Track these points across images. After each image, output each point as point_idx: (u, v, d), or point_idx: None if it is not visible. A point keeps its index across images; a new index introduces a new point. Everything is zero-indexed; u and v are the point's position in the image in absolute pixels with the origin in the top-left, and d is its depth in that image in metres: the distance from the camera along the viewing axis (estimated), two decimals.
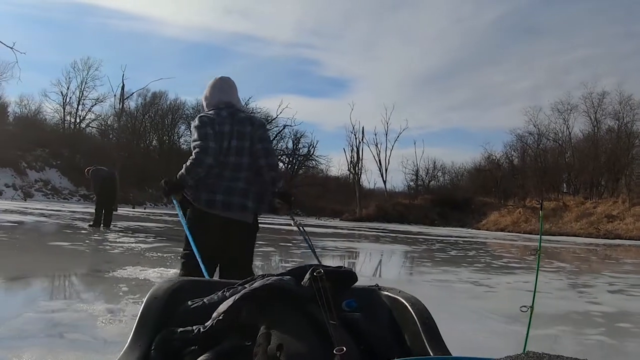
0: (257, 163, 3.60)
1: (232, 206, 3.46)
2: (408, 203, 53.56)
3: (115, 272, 6.66)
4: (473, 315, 5.96)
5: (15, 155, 41.80)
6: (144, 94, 54.26)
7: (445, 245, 19.89)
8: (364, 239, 21.28)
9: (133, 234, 13.19)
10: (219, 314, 1.44)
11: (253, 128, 3.65)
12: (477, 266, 11.81)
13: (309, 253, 12.32)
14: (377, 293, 1.86)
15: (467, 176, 59.96)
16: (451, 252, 16.13)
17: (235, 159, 3.52)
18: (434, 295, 7.21)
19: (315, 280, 1.41)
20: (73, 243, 9.75)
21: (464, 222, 48.19)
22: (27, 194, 38.49)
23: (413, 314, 1.66)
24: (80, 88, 50.78)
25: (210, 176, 3.44)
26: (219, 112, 3.62)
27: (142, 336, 1.46)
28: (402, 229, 36.11)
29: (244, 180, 3.53)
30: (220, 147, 3.48)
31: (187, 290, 1.73)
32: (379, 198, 55.50)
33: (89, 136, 51.14)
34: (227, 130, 3.53)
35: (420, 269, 10.85)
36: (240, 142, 3.55)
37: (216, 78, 3.91)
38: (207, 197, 3.43)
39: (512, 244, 23.61)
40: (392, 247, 17.13)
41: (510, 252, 18.84)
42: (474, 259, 13.98)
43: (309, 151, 61.92)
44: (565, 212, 43.08)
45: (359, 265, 11.27)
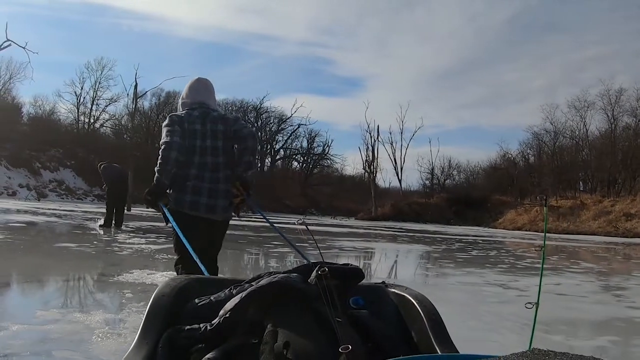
0: (234, 158, 3.70)
1: (216, 208, 3.59)
2: (424, 202, 53.25)
3: (121, 276, 6.22)
4: (508, 323, 5.45)
5: (30, 156, 41.94)
6: (158, 94, 54.30)
7: (464, 244, 19.37)
8: (382, 239, 20.77)
9: (144, 235, 12.79)
10: (226, 311, 1.46)
11: (226, 126, 3.68)
12: (501, 267, 11.30)
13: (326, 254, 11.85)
14: (384, 290, 1.87)
15: (483, 175, 59.54)
16: (472, 252, 15.61)
17: (212, 159, 3.58)
18: (463, 300, 6.72)
19: (321, 279, 1.41)
20: (80, 244, 9.35)
21: (480, 220, 47.63)
22: (41, 194, 38.46)
23: (420, 311, 1.66)
24: (94, 88, 50.87)
25: (189, 177, 3.53)
26: (190, 112, 3.66)
27: (149, 333, 1.46)
28: (418, 228, 35.60)
29: (224, 181, 3.60)
30: (193, 145, 3.54)
31: (194, 288, 1.74)
32: (394, 197, 55.24)
33: (103, 136, 51.14)
34: (198, 129, 3.58)
35: (444, 270, 10.33)
36: (214, 142, 3.61)
37: (193, 79, 3.92)
38: (191, 199, 3.52)
39: (532, 243, 23.03)
40: (411, 247, 16.60)
41: (531, 251, 18.26)
42: (497, 260, 13.46)
43: (324, 150, 61.60)
44: (583, 210, 42.32)
45: (378, 267, 10.80)
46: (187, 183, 3.53)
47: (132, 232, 13.19)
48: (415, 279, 9.06)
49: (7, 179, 39.09)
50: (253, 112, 58.91)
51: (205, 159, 3.57)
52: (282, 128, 60.43)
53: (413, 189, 60.08)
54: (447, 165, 60.20)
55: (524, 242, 24.60)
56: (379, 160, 56.15)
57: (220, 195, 3.59)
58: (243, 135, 3.71)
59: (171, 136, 3.47)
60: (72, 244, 9.35)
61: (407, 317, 1.74)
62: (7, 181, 38.81)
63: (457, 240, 21.64)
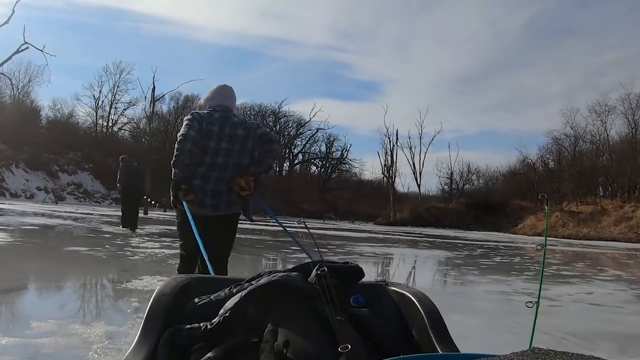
0: (246, 160, 3.74)
1: (220, 206, 3.67)
2: (443, 207, 52.99)
3: (130, 283, 5.87)
4: (545, 337, 5.02)
5: (48, 159, 42.04)
6: (177, 98, 54.29)
7: (486, 250, 18.89)
8: (402, 244, 20.33)
9: (159, 238, 12.48)
10: (226, 310, 1.47)
11: (248, 131, 3.74)
12: (527, 274, 10.84)
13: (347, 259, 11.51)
14: (384, 289, 1.87)
15: (502, 179, 58.82)
16: (495, 258, 15.15)
17: (223, 160, 3.65)
18: (493, 310, 6.31)
19: (321, 278, 1.40)
20: (92, 248, 9.04)
21: (500, 226, 47.16)
22: (59, 197, 38.48)
23: (420, 309, 1.66)
24: (112, 92, 50.87)
25: (196, 176, 3.62)
26: (212, 113, 3.74)
27: (149, 333, 1.47)
28: (438, 233, 35.16)
29: (229, 181, 3.66)
30: (206, 145, 3.61)
31: (194, 287, 1.75)
32: (413, 202, 55.16)
33: (121, 140, 51.13)
34: (215, 131, 3.65)
35: (469, 277, 9.87)
36: (231, 145, 3.67)
37: (219, 85, 4.02)
38: (199, 200, 3.60)
39: (554, 249, 22.44)
40: (432, 252, 16.12)
41: (555, 257, 17.79)
42: (522, 266, 12.99)
43: (342, 155, 61.20)
44: (604, 216, 41.81)
45: (400, 273, 10.38)
46: (195, 182, 3.61)
47: (147, 236, 12.90)
48: (439, 287, 8.64)
49: (25, 182, 39.17)
50: (271, 117, 58.64)
51: (216, 160, 3.64)
52: (300, 132, 60.16)
53: (432, 194, 59.89)
54: (466, 170, 59.69)
55: (547, 248, 23.94)
56: (397, 165, 55.77)
57: (224, 195, 3.67)
58: (269, 138, 3.79)
59: (188, 129, 3.59)
60: (83, 247, 9.05)
61: (407, 316, 1.74)
62: (25, 184, 38.88)
63: (478, 246, 21.18)
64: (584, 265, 15.22)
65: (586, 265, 15.19)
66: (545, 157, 53.90)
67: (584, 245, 29.59)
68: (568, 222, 43.09)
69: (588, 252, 22.03)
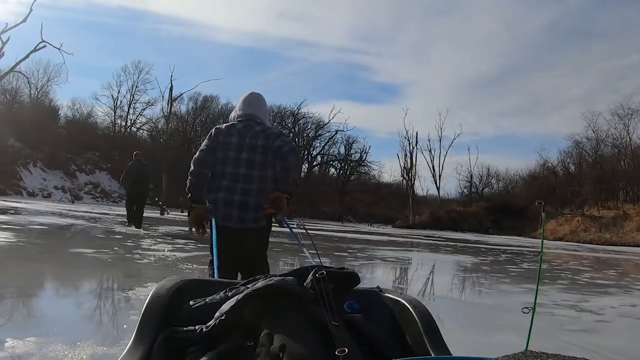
0: (275, 177, 3.67)
1: (247, 220, 3.59)
2: (462, 210, 52.67)
3: (132, 292, 5.29)
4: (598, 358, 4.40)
5: (66, 158, 42.07)
6: (195, 98, 54.19)
7: (511, 255, 18.15)
8: (423, 248, 19.64)
9: (172, 240, 11.97)
10: (222, 314, 1.46)
11: (267, 141, 3.66)
12: (562, 283, 10.16)
13: (369, 264, 10.82)
14: (378, 295, 1.88)
15: (522, 183, 58.36)
16: (522, 264, 14.43)
17: (246, 171, 3.61)
18: (537, 326, 5.65)
19: (318, 281, 1.42)
20: (98, 250, 8.49)
21: (520, 230, 46.41)
22: (76, 196, 38.38)
23: (415, 315, 1.68)
24: (131, 91, 50.86)
25: (221, 189, 3.59)
26: (234, 124, 3.73)
27: (144, 335, 1.45)
28: (457, 237, 34.51)
29: (255, 193, 3.60)
30: (225, 157, 3.62)
31: (190, 289, 1.74)
32: (432, 205, 54.99)
33: (139, 140, 50.99)
34: (234, 141, 3.64)
35: (501, 286, 9.15)
36: (252, 155, 3.63)
37: (247, 93, 4.02)
38: (224, 212, 3.55)
39: (580, 255, 21.68)
40: (456, 257, 15.39)
41: (584, 264, 17.07)
42: (553, 274, 12.28)
43: (361, 157, 60.58)
44: (626, 221, 40.82)
45: (426, 280, 9.73)
46: (219, 195, 3.59)
47: (160, 237, 12.38)
48: (475, 298, 8.02)
49: (43, 181, 39.14)
50: (290, 118, 58.35)
51: (238, 170, 3.61)
52: (319, 134, 59.74)
53: (450, 197, 59.54)
54: (486, 173, 59.46)
55: (571, 253, 23.22)
56: (417, 168, 55.13)
57: (251, 209, 3.59)
58: (284, 152, 3.64)
59: (200, 152, 3.65)
60: (89, 249, 8.48)
61: (401, 322, 1.75)
62: (42, 183, 38.85)
63: (501, 251, 20.49)
64: (615, 273, 14.47)
65: (618, 273, 14.44)
66: (566, 161, 53.40)
67: (608, 250, 28.70)
68: (590, 227, 42.47)
69: (614, 259, 21.28)
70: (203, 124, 56.56)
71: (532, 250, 22.36)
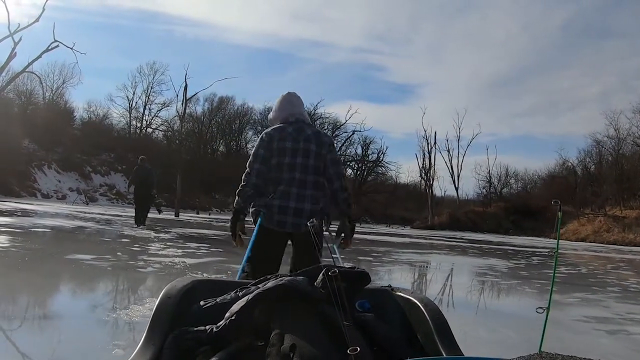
0: (324, 183, 3.67)
1: (302, 226, 3.49)
2: (481, 211, 51.66)
3: (125, 312, 4.31)
4: None
5: (81, 160, 41.72)
6: (211, 99, 53.70)
7: (542, 258, 17.17)
8: (450, 251, 18.62)
9: (184, 243, 11.07)
10: (232, 314, 1.46)
11: (320, 147, 3.66)
12: (613, 291, 9.23)
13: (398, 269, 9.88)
14: (389, 294, 1.89)
15: (541, 183, 57.30)
16: (559, 268, 13.38)
17: (300, 176, 3.56)
18: (621, 353, 4.69)
19: (330, 280, 1.40)
20: (100, 256, 7.61)
21: (540, 231, 45.47)
22: (91, 198, 37.88)
23: (426, 314, 1.67)
24: (146, 93, 50.45)
25: (276, 195, 3.52)
26: (285, 128, 3.66)
27: (154, 335, 1.46)
28: (479, 238, 33.51)
29: (310, 199, 3.57)
30: (281, 163, 3.55)
31: (200, 290, 1.75)
32: (450, 205, 53.96)
33: (155, 141, 50.57)
34: (289, 147, 3.58)
35: (543, 295, 8.12)
36: (305, 160, 3.58)
37: (283, 94, 3.94)
38: (279, 219, 3.48)
39: (612, 258, 20.63)
40: (487, 261, 14.29)
41: (621, 267, 16.16)
42: (597, 279, 11.34)
43: (378, 157, 59.61)
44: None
45: (468, 290, 8.75)
46: (274, 201, 3.52)
47: (170, 241, 11.49)
48: (528, 312, 7.06)
49: (57, 183, 38.70)
50: None
51: (293, 175, 3.55)
52: (336, 135, 58.86)
53: (468, 198, 58.79)
54: (504, 173, 58.42)
55: (601, 255, 22.10)
56: (435, 168, 54.17)
57: (305, 215, 3.52)
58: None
59: (255, 162, 3.56)
60: (89, 255, 7.59)
61: (413, 321, 1.74)
62: (57, 185, 38.40)
63: (529, 253, 19.49)
64: None
65: None
66: (586, 160, 52.22)
67: (635, 252, 27.50)
68: (612, 227, 41.33)
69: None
70: (219, 124, 56.09)
71: (562, 252, 21.26)
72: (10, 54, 29.72)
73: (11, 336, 3.60)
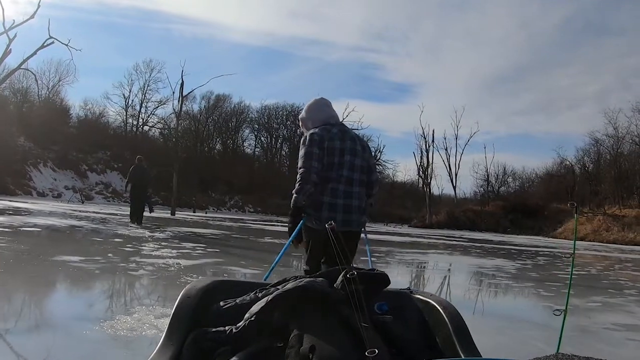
0: (366, 181, 3.79)
1: (351, 223, 3.63)
2: (479, 210, 51.47)
3: (109, 323, 3.76)
4: None
5: (77, 158, 41.50)
6: (208, 97, 53.29)
7: (548, 259, 16.75)
8: (453, 251, 18.27)
9: (179, 243, 10.63)
10: (251, 314, 1.48)
11: (363, 149, 3.82)
12: (631, 294, 8.97)
13: (403, 270, 9.46)
14: (409, 296, 1.90)
15: (539, 182, 57.55)
16: (567, 269, 12.90)
17: (348, 173, 3.66)
18: None
19: (349, 282, 1.40)
20: (89, 258, 7.14)
21: (538, 230, 45.72)
22: (87, 196, 37.55)
23: (445, 317, 1.69)
24: (142, 90, 50.06)
25: (325, 193, 3.59)
26: (330, 129, 3.75)
27: (174, 335, 1.49)
28: (478, 237, 33.19)
29: (357, 197, 3.69)
30: (331, 163, 3.64)
31: (220, 290, 1.77)
32: (447, 204, 53.94)
33: (151, 139, 50.23)
34: (337, 147, 3.67)
35: (573, 301, 7.54)
36: (352, 158, 3.70)
37: (316, 98, 4.02)
38: (328, 216, 3.51)
39: (617, 257, 20.25)
40: (493, 262, 13.82)
41: (628, 267, 15.85)
42: (611, 281, 10.93)
43: (376, 156, 59.24)
44: None
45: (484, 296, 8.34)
46: (324, 200, 3.59)
47: (165, 241, 11.04)
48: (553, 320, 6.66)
49: (53, 181, 38.39)
50: None
51: (341, 172, 3.64)
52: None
53: (466, 196, 59.03)
54: (502, 171, 58.53)
55: (607, 255, 21.67)
56: (433, 166, 53.94)
57: (354, 211, 3.64)
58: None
59: (311, 160, 3.58)
60: (77, 256, 7.13)
61: (431, 323, 1.75)
62: (52, 183, 38.07)
63: (533, 253, 19.20)
64: None
65: None
66: (584, 159, 52.22)
67: (638, 252, 27.13)
68: (612, 226, 41.07)
69: None
70: (215, 123, 55.70)
71: (564, 252, 20.87)
72: (5, 50, 29.19)
73: None
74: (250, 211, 47.78)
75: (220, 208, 46.25)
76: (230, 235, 14.78)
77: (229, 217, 32.72)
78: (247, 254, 10.61)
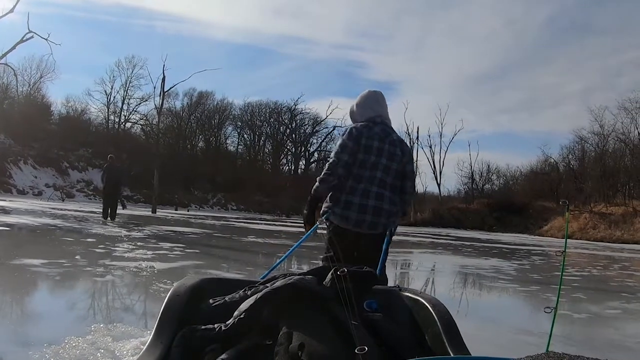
0: (399, 187, 3.66)
1: (378, 226, 3.50)
2: (464, 207, 51.79)
3: (58, 346, 3.07)
4: None
5: (58, 155, 40.67)
6: (190, 94, 52.59)
7: (540, 258, 16.40)
8: (443, 250, 17.89)
9: (156, 244, 10.03)
10: (241, 312, 1.48)
11: (403, 154, 3.67)
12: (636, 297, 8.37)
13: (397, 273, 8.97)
14: (398, 294, 1.89)
15: (523, 179, 57.78)
16: (567, 269, 12.48)
17: (382, 175, 3.55)
18: None
19: (339, 280, 1.41)
20: (52, 261, 6.49)
21: (523, 227, 45.89)
22: (68, 194, 36.70)
23: (434, 314, 1.68)
24: (124, 87, 49.24)
25: (356, 193, 3.47)
26: (371, 127, 3.63)
27: (163, 333, 1.47)
28: (465, 235, 32.75)
29: (388, 200, 3.55)
30: (366, 161, 3.52)
31: (209, 288, 1.77)
32: (432, 202, 53.98)
33: (133, 136, 49.52)
34: (375, 146, 3.56)
35: (586, 306, 6.95)
36: (389, 162, 3.59)
37: (370, 90, 3.85)
38: (357, 218, 3.45)
39: (611, 257, 19.88)
40: (489, 262, 13.39)
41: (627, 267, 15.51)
42: (617, 283, 10.50)
43: None
44: (636, 217, 39.54)
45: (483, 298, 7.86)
46: (354, 200, 3.48)
47: (142, 240, 10.43)
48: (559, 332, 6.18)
49: (34, 179, 37.55)
50: (287, 114, 56.91)
51: (375, 174, 3.54)
52: (316, 130, 58.27)
53: (450, 194, 59.25)
54: (486, 169, 58.63)
55: (597, 254, 21.36)
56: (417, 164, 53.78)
57: (384, 214, 3.51)
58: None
59: (342, 153, 3.51)
60: (40, 259, 6.49)
61: (420, 321, 1.74)
62: (33, 181, 37.24)
63: (524, 252, 18.96)
64: None
65: None
66: (569, 157, 52.68)
67: (628, 249, 26.94)
68: (598, 224, 41.21)
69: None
70: (198, 120, 55.01)
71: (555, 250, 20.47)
72: None
73: None
74: (233, 209, 47.15)
75: (203, 206, 45.62)
76: (212, 234, 14.24)
77: (211, 215, 32.16)
78: (229, 254, 10.06)
